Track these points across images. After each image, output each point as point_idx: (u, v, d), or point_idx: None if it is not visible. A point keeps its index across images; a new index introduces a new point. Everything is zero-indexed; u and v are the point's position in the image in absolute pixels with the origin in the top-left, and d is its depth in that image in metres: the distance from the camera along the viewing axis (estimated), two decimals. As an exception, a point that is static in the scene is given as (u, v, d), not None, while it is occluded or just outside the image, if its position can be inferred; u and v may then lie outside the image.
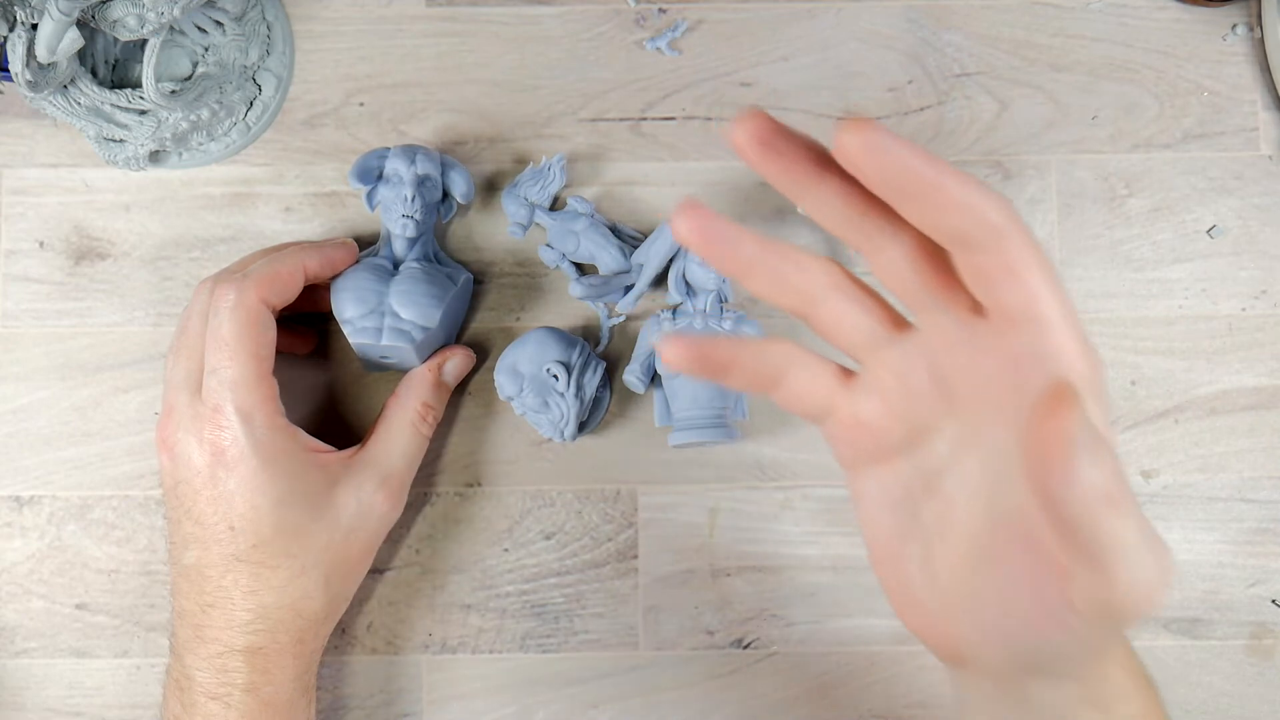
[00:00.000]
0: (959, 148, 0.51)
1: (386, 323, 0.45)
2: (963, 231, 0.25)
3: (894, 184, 0.24)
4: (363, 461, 0.45)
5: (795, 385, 0.30)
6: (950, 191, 0.24)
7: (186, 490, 0.42)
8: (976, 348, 0.27)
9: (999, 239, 0.24)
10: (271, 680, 0.42)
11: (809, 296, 0.29)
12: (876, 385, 0.29)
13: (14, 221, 0.50)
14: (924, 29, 0.51)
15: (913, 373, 0.28)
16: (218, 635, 0.42)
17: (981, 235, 0.24)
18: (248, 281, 0.43)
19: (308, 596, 0.43)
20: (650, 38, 0.51)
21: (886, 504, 0.29)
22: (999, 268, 0.25)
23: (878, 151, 0.24)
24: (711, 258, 0.28)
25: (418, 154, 0.47)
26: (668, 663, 0.49)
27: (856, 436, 0.30)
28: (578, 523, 0.50)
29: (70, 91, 0.45)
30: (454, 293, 0.47)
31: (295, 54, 0.51)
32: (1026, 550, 0.25)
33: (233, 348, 0.42)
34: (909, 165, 0.24)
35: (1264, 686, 0.49)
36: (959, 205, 0.24)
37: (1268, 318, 0.50)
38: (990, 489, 0.27)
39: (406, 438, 0.46)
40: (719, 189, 0.51)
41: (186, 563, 0.42)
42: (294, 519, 0.42)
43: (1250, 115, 0.51)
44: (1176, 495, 0.50)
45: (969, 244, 0.25)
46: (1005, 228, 0.24)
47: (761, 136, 0.26)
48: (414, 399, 0.46)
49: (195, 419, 0.42)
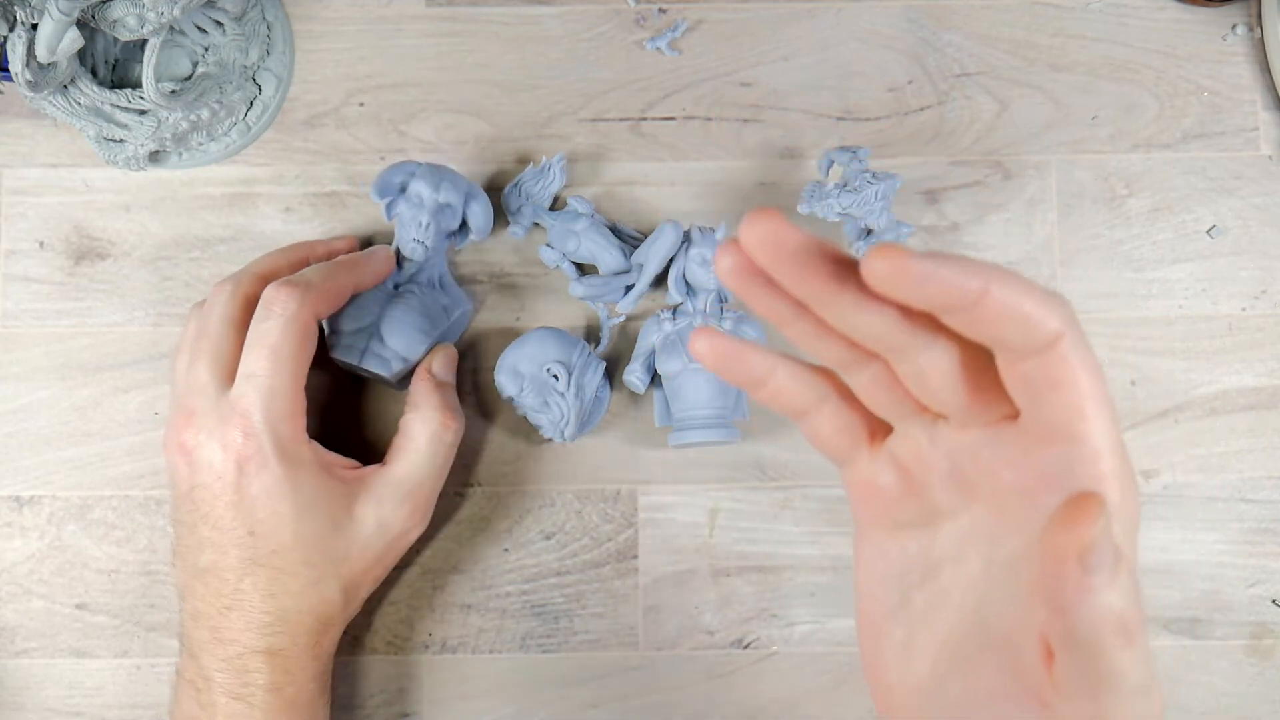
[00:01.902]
0: (959, 148, 0.51)
1: (371, 346, 0.45)
2: (1013, 340, 0.23)
3: (937, 305, 0.22)
4: (385, 479, 0.44)
5: (822, 425, 0.28)
6: (1001, 301, 0.22)
7: (205, 495, 0.42)
8: (1001, 456, 0.25)
9: (1050, 347, 0.22)
10: (293, 681, 0.42)
11: (841, 362, 0.27)
12: (899, 456, 0.28)
13: (14, 221, 0.50)
14: (924, 29, 0.51)
15: (934, 458, 0.27)
16: (237, 637, 0.42)
17: (1033, 341, 0.22)
18: (310, 294, 0.42)
19: (326, 602, 0.43)
20: (650, 38, 0.51)
21: (882, 576, 0.28)
22: (1046, 379, 0.23)
23: (916, 280, 0.21)
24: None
25: (444, 181, 0.46)
26: (668, 663, 0.49)
27: (869, 497, 0.28)
28: (578, 523, 0.50)
29: (70, 91, 0.45)
30: (446, 326, 0.47)
31: (295, 54, 0.51)
32: (1005, 670, 0.24)
33: (279, 358, 0.41)
34: (952, 284, 0.21)
35: (1264, 686, 0.49)
36: (1011, 314, 0.22)
37: (1268, 318, 0.50)
38: (984, 594, 0.26)
39: (431, 451, 0.45)
40: (719, 189, 0.51)
41: (201, 565, 0.42)
42: (313, 530, 0.42)
43: (1250, 115, 0.51)
44: (1176, 495, 0.50)
45: (1017, 351, 0.23)
46: (1060, 333, 0.22)
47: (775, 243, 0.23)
48: (431, 411, 0.45)
49: (221, 424, 0.41)
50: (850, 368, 0.27)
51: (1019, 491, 0.25)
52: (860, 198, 0.46)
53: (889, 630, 0.28)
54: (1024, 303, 0.22)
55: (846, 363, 0.27)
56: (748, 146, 0.51)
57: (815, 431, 0.29)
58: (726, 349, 0.27)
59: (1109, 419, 0.23)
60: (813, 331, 0.25)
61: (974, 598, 0.26)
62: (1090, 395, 0.23)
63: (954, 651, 0.26)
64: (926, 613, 0.27)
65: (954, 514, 0.27)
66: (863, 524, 0.29)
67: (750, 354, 0.27)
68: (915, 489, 0.27)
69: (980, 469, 0.26)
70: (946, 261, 0.21)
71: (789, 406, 0.28)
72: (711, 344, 0.27)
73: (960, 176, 0.51)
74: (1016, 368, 0.23)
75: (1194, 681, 0.49)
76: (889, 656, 0.28)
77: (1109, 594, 0.20)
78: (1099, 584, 0.20)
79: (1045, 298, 0.22)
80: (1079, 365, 0.23)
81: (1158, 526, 0.50)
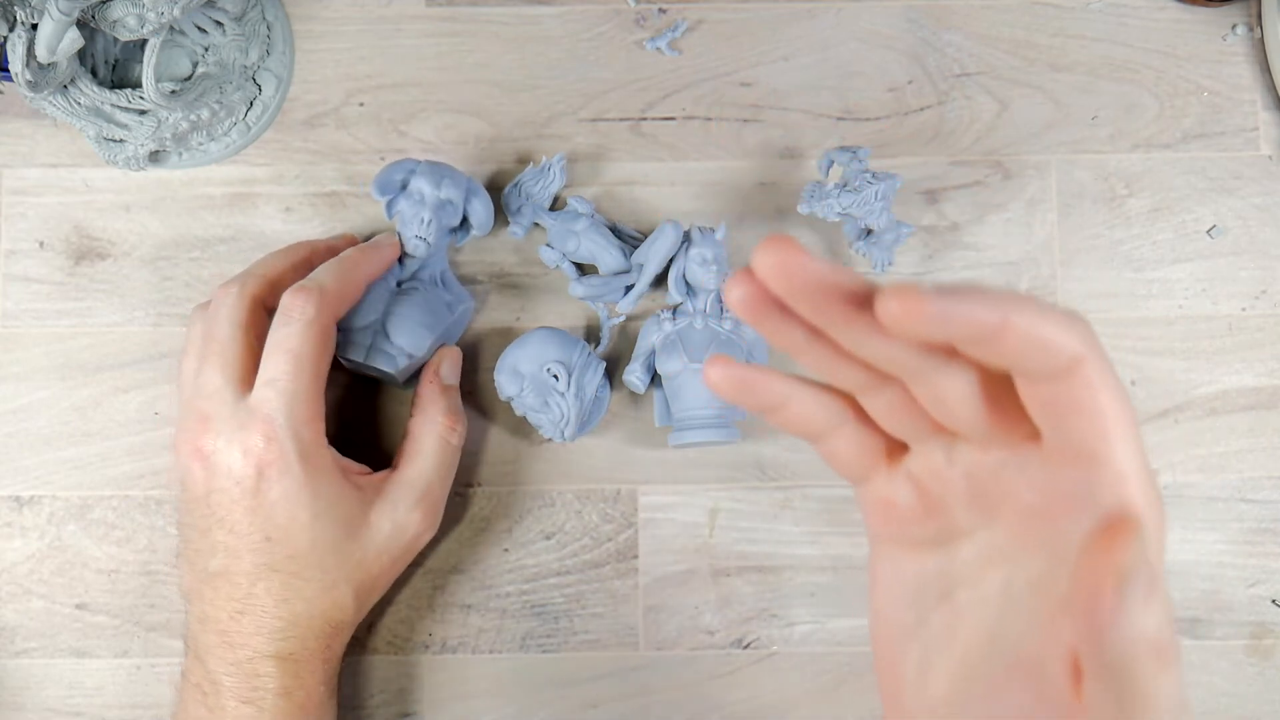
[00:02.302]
0: (959, 148, 0.51)
1: (377, 343, 0.45)
2: (1033, 366, 0.22)
3: (957, 337, 0.22)
4: (397, 483, 0.45)
5: (839, 447, 0.28)
6: (1021, 331, 0.21)
7: (222, 499, 0.42)
8: (1023, 477, 0.25)
9: (1072, 371, 0.22)
10: (303, 685, 0.42)
11: (857, 386, 0.26)
12: (917, 474, 0.27)
13: (14, 221, 0.50)
14: (924, 29, 0.51)
15: (953, 477, 0.26)
16: (247, 641, 0.42)
17: (1055, 367, 0.22)
18: (328, 298, 0.42)
19: (338, 607, 0.43)
20: (650, 38, 0.51)
21: (899, 596, 0.28)
22: (1069, 402, 0.23)
23: (933, 321, 0.21)
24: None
25: (445, 177, 0.46)
26: (668, 663, 0.49)
27: (886, 515, 0.28)
28: (578, 523, 0.50)
29: (70, 91, 0.45)
30: (449, 322, 0.47)
31: (295, 54, 0.51)
32: (1029, 691, 0.24)
33: (300, 363, 0.41)
34: (971, 320, 0.21)
35: (1264, 686, 0.49)
36: (1031, 342, 0.22)
37: (1268, 318, 0.50)
38: (1002, 612, 0.25)
39: (438, 453, 0.46)
40: (719, 189, 0.51)
41: (213, 570, 0.42)
42: (329, 535, 0.42)
43: (1250, 115, 0.51)
44: (1176, 495, 0.50)
45: (1038, 376, 0.23)
46: (1082, 356, 0.22)
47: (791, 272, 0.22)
48: (436, 414, 0.46)
49: (240, 428, 0.41)
50: (866, 391, 0.26)
51: (1040, 512, 0.24)
52: (860, 198, 0.46)
53: (906, 650, 0.28)
54: (1044, 329, 0.22)
55: (863, 386, 0.26)
56: (748, 146, 0.51)
57: (832, 453, 0.28)
58: (741, 378, 0.26)
59: (1133, 441, 0.23)
60: (828, 358, 0.25)
61: (993, 618, 0.26)
62: (1114, 418, 0.23)
63: (973, 672, 0.26)
64: (944, 633, 0.27)
65: (972, 533, 0.27)
66: (879, 542, 0.29)
67: (765, 381, 0.27)
68: (933, 508, 0.27)
69: (1001, 489, 0.25)
70: (963, 297, 0.21)
71: (805, 431, 0.28)
72: (725, 373, 0.26)
73: (960, 176, 0.51)
74: (1037, 391, 0.23)
75: (1194, 681, 0.49)
76: (907, 679, 0.27)
77: (1144, 618, 0.20)
78: (1134, 608, 0.20)
79: (1064, 321, 0.22)
80: (1101, 388, 0.22)
81: (1158, 526, 0.50)
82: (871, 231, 0.48)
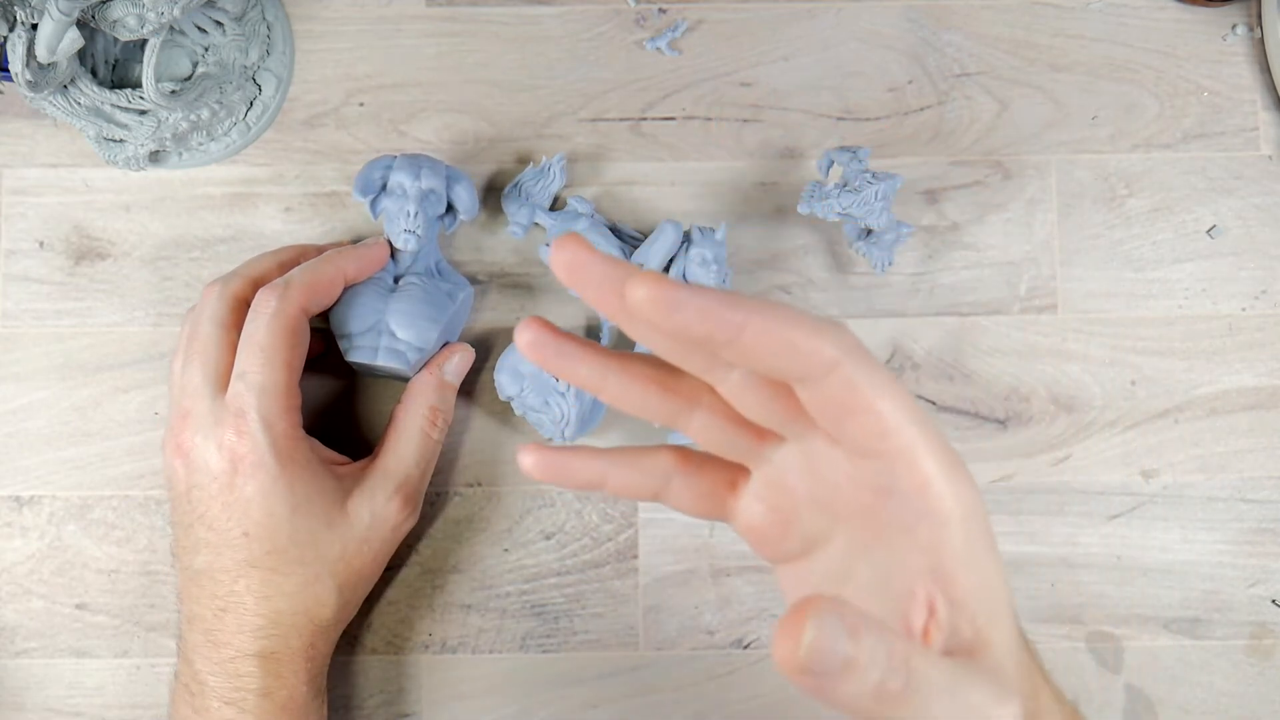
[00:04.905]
0: (959, 148, 0.51)
1: (383, 342, 0.45)
2: (787, 369, 0.23)
3: (696, 335, 0.22)
4: (376, 472, 0.45)
5: (679, 498, 0.29)
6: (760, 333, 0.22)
7: (201, 495, 0.42)
8: (840, 473, 0.26)
9: (830, 373, 0.23)
10: (285, 684, 0.42)
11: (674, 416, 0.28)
12: (762, 493, 0.28)
13: (14, 221, 0.50)
14: (924, 29, 0.51)
15: (793, 485, 0.28)
16: (230, 640, 0.42)
17: (807, 370, 0.23)
18: (291, 290, 0.42)
19: (320, 603, 0.43)
20: (650, 38, 0.51)
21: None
22: (838, 404, 0.23)
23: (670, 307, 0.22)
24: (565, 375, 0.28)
25: (423, 167, 0.46)
26: (668, 663, 0.49)
27: (758, 538, 0.29)
28: (578, 523, 0.50)
29: (70, 91, 0.45)
30: (452, 311, 0.47)
31: (295, 54, 0.51)
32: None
33: (268, 355, 0.42)
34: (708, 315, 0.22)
35: (1264, 686, 0.49)
36: (775, 346, 0.22)
37: (1268, 318, 0.50)
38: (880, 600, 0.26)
39: (418, 444, 0.46)
40: (718, 189, 0.51)
41: (197, 567, 0.42)
42: (308, 528, 0.42)
43: (1250, 115, 0.51)
44: (1176, 495, 0.50)
45: (794, 378, 0.23)
46: (837, 360, 0.23)
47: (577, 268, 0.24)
48: (421, 405, 0.46)
49: (216, 424, 0.42)
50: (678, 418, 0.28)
51: (866, 503, 0.26)
52: (860, 198, 0.46)
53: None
54: (788, 333, 0.22)
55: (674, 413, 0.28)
56: (748, 146, 0.51)
57: (677, 504, 0.29)
58: (553, 463, 0.27)
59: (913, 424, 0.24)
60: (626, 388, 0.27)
61: (874, 607, 0.26)
62: (885, 412, 0.23)
63: None
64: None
65: (831, 536, 0.28)
66: (772, 563, 0.30)
67: (578, 462, 0.28)
68: (789, 520, 0.28)
69: (832, 490, 0.27)
70: (706, 294, 0.22)
71: (635, 496, 0.29)
72: (537, 460, 0.27)
73: (960, 176, 0.51)
74: (806, 396, 0.24)
75: (1194, 681, 0.49)
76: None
77: (848, 687, 0.20)
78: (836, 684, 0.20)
79: (815, 327, 0.23)
80: (866, 386, 0.23)
81: (1158, 526, 0.50)
82: (871, 231, 0.48)
